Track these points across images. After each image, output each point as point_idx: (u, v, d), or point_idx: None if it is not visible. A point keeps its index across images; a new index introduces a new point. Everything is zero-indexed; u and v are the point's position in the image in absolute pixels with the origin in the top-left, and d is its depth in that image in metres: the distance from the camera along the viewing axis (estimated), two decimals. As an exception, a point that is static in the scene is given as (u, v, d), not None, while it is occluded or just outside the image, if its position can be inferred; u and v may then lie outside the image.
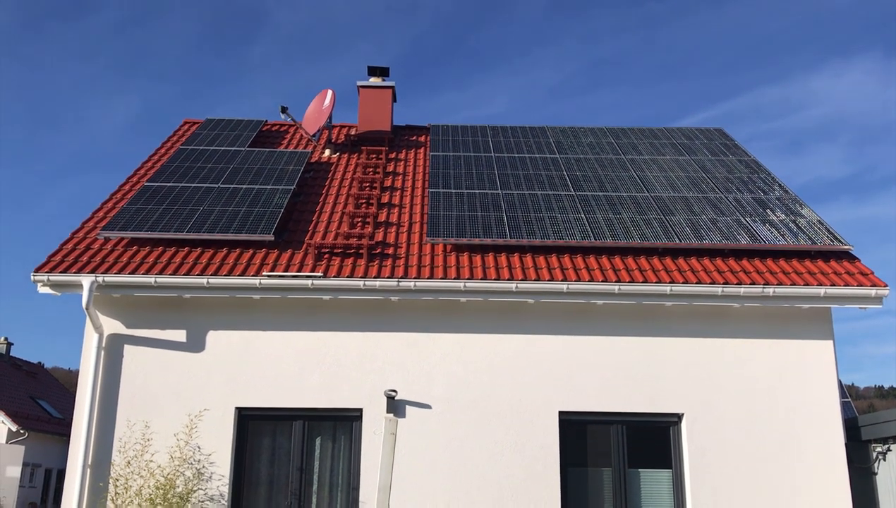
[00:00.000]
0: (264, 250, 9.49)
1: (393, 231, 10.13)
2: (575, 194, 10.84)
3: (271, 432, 9.03)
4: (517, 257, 9.45)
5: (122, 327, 9.02)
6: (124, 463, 8.60)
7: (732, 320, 9.26)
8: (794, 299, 8.96)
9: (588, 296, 8.94)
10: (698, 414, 8.97)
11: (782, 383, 9.07)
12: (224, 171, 11.32)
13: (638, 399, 9.00)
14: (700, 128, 14.14)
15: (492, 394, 8.96)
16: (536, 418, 8.90)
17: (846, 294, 8.91)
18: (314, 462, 8.99)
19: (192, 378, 8.91)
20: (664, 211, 10.39)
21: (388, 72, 14.15)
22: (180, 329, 9.04)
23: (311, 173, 12.10)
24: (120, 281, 8.74)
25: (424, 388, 8.95)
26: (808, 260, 9.60)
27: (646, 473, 9.04)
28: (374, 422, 8.83)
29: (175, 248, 9.44)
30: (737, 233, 9.83)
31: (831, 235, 9.87)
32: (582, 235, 9.62)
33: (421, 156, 12.92)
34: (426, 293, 8.90)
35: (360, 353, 9.03)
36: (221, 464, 8.69)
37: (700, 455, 8.85)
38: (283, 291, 8.84)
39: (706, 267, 9.36)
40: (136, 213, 9.85)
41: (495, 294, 8.92)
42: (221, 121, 13.80)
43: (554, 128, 13.94)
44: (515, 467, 8.76)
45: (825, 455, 8.88)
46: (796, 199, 10.98)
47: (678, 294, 8.91)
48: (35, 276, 8.72)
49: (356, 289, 8.86)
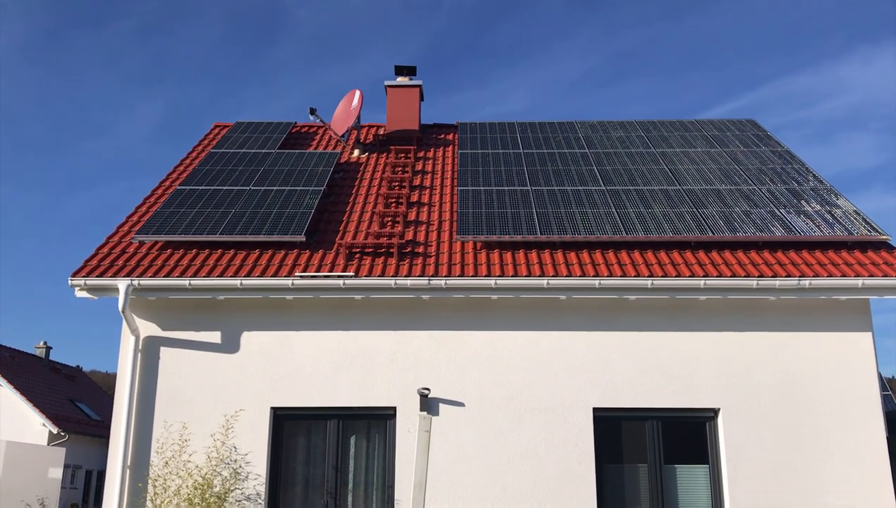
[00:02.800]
0: (296, 251, 9.56)
1: (423, 229, 10.14)
2: (605, 189, 10.77)
3: (306, 431, 9.10)
4: (548, 253, 9.41)
5: (157, 329, 9.14)
6: (162, 464, 8.71)
7: (768, 313, 9.13)
8: (831, 291, 8.81)
9: (621, 292, 8.88)
10: (735, 409, 8.86)
11: (820, 376, 8.93)
12: (255, 174, 11.42)
13: (673, 394, 8.92)
14: (731, 120, 13.97)
15: (525, 391, 8.94)
16: (570, 414, 8.86)
17: (885, 285, 8.75)
18: (349, 461, 9.04)
19: (228, 378, 9.00)
20: (696, 204, 10.28)
21: (415, 71, 14.16)
22: (215, 330, 9.14)
23: (340, 173, 12.16)
24: (155, 284, 8.85)
25: (457, 386, 8.95)
26: (845, 251, 9.44)
27: (682, 469, 8.96)
28: (407, 420, 8.85)
29: (208, 251, 9.55)
30: (771, 225, 9.69)
31: (868, 225, 9.69)
32: (613, 230, 9.55)
33: (449, 155, 12.92)
34: (457, 291, 8.90)
35: (393, 352, 9.06)
36: (257, 464, 8.77)
37: (737, 451, 8.75)
38: (316, 291, 8.90)
39: (740, 260, 9.24)
40: (169, 217, 9.97)
41: (526, 291, 8.89)
42: (251, 124, 13.92)
43: (583, 123, 13.85)
44: (550, 464, 8.72)
45: (866, 448, 8.72)
46: (831, 189, 10.79)
47: (712, 288, 8.81)
48: (72, 281, 8.87)
49: (387, 288, 8.89)
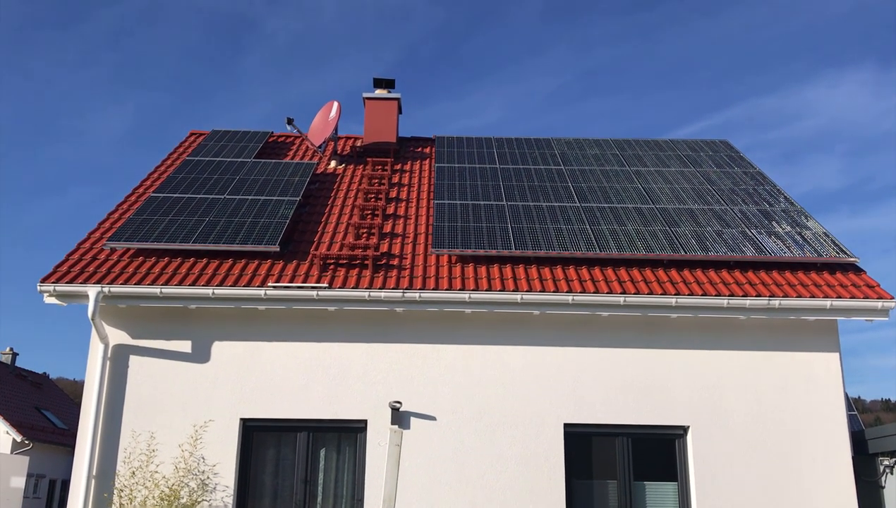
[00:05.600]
0: (270, 261, 9.51)
1: (398, 242, 10.14)
2: (580, 205, 10.85)
3: (276, 443, 9.02)
4: (522, 268, 9.45)
5: (127, 337, 9.04)
6: (129, 474, 8.59)
7: (738, 332, 9.24)
8: (800, 311, 8.94)
9: (593, 308, 8.93)
10: (704, 427, 8.94)
11: (788, 395, 9.04)
12: (230, 182, 11.36)
13: (643, 411, 8.97)
14: (705, 140, 14.15)
15: (497, 406, 8.94)
16: (541, 430, 8.88)
17: (852, 306, 8.89)
18: (319, 474, 8.97)
19: (198, 388, 8.91)
20: (669, 222, 10.38)
21: (393, 84, 14.18)
22: (186, 339, 9.05)
23: (316, 184, 12.13)
24: (126, 291, 8.76)
25: (429, 400, 8.94)
26: (814, 273, 9.58)
27: (651, 486, 9.00)
28: (378, 434, 8.81)
29: (181, 259, 9.47)
30: (742, 244, 9.82)
31: (837, 247, 9.85)
32: (587, 247, 9.62)
33: (426, 168, 12.94)
34: (431, 304, 8.90)
35: (365, 364, 9.03)
36: (226, 475, 8.68)
37: (706, 468, 8.81)
38: (289, 302, 8.85)
39: (711, 278, 9.34)
40: (142, 224, 9.88)
41: (500, 305, 8.91)
42: (227, 133, 13.86)
43: (559, 140, 13.96)
44: (520, 479, 8.72)
45: (832, 468, 8.83)
46: (802, 211, 10.96)
47: (684, 306, 8.90)
48: (41, 286, 8.75)
49: (361, 300, 8.87)
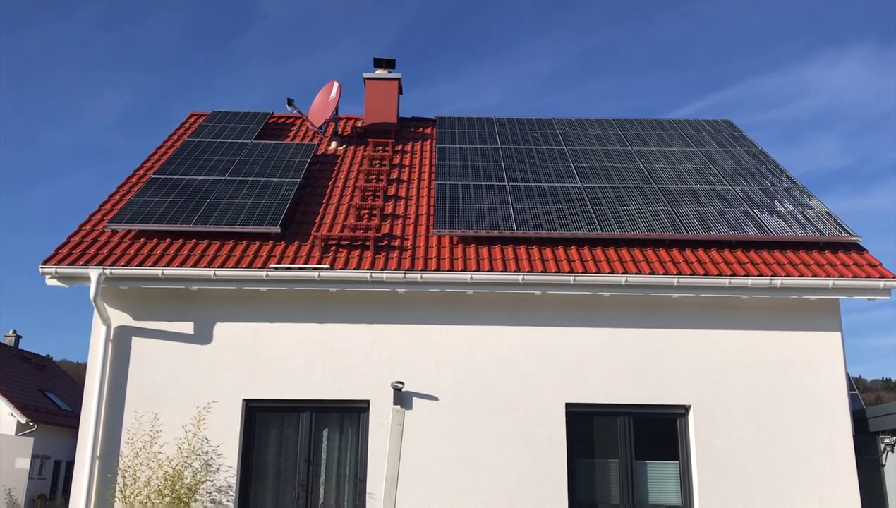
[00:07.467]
0: (271, 242, 9.50)
1: (399, 223, 10.12)
2: (582, 186, 10.81)
3: (279, 424, 9.06)
4: (524, 249, 9.44)
5: (129, 319, 9.05)
6: (132, 455, 8.63)
7: (740, 312, 9.23)
8: (802, 290, 8.93)
9: (595, 288, 8.93)
10: (706, 406, 8.96)
11: (790, 375, 9.05)
12: (230, 164, 11.32)
13: (645, 390, 8.99)
14: (707, 120, 14.08)
15: (499, 386, 8.96)
16: (544, 410, 8.90)
17: (855, 285, 8.88)
18: (321, 454, 9.02)
19: (200, 370, 8.93)
20: (671, 202, 10.35)
21: (394, 64, 14.10)
22: (188, 321, 9.06)
23: (317, 165, 12.10)
24: (127, 273, 8.76)
25: (431, 380, 8.96)
26: (816, 252, 9.56)
27: (653, 465, 9.04)
28: (381, 414, 8.84)
29: (182, 240, 9.46)
30: (744, 224, 9.79)
31: (839, 226, 9.82)
32: (589, 227, 9.60)
33: (427, 149, 12.90)
34: (432, 285, 8.90)
35: (367, 345, 9.04)
36: (229, 456, 8.72)
37: (707, 447, 8.84)
38: (290, 283, 8.85)
39: (713, 258, 9.33)
40: (143, 206, 9.87)
41: (502, 286, 8.91)
42: (227, 114, 13.80)
43: (560, 120, 13.90)
44: (523, 458, 8.76)
45: (833, 446, 8.86)
46: (804, 190, 10.92)
47: (685, 285, 8.89)
48: (43, 269, 8.75)
49: (363, 281, 8.87)
